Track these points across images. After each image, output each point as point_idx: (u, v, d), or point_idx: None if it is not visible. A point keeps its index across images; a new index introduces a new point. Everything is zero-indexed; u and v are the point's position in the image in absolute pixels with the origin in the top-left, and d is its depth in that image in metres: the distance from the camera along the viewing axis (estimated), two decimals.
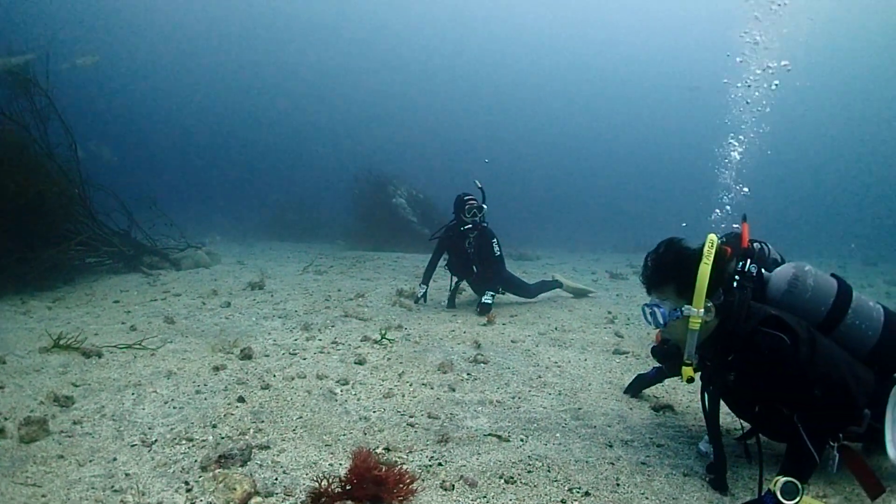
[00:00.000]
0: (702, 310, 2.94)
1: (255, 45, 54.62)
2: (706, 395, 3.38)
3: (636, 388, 4.71)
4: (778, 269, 3.53)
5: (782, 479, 2.62)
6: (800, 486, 2.60)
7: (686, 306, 2.98)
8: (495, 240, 7.97)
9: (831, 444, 3.03)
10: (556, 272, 11.33)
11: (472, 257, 7.92)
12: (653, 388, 4.83)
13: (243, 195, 34.80)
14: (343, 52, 57.38)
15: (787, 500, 2.58)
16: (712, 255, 2.92)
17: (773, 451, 3.52)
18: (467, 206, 7.86)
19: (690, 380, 3.16)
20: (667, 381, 4.95)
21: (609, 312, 7.96)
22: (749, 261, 3.52)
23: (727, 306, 3.07)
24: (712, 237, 2.99)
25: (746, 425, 3.42)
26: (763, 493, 2.75)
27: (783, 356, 2.91)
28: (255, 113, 59.76)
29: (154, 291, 8.03)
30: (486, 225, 7.97)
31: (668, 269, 3.09)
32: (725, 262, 3.10)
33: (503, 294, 8.22)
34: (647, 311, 3.17)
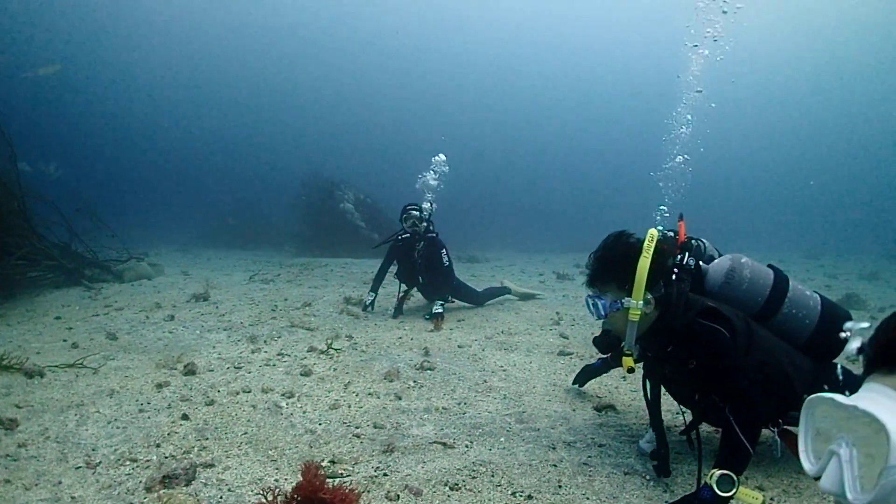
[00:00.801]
0: (641, 302, 3.02)
1: (199, 51, 53.55)
2: (648, 385, 3.51)
3: (583, 379, 4.80)
4: (715, 261, 3.63)
5: (718, 472, 2.69)
6: (735, 479, 2.67)
7: (626, 298, 3.07)
8: (444, 250, 8.00)
9: (772, 429, 3.16)
10: (504, 276, 11.46)
11: (419, 267, 7.95)
12: (596, 387, 4.96)
13: (188, 203, 34.16)
14: (287, 57, 56.71)
15: (723, 492, 2.65)
16: (651, 249, 3.02)
17: (714, 446, 3.65)
18: (405, 216, 7.91)
19: (631, 370, 3.25)
20: (609, 382, 5.10)
21: (557, 313, 8.08)
22: (687, 254, 3.60)
23: (666, 298, 3.15)
24: (653, 232, 3.09)
25: (689, 416, 3.54)
26: (700, 487, 2.82)
27: (720, 347, 3.02)
28: (201, 120, 58.73)
29: (96, 306, 7.85)
30: (434, 235, 8.01)
31: (610, 263, 3.17)
32: (666, 256, 3.19)
33: (453, 302, 8.28)
34: (590, 302, 3.25)
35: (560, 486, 3.25)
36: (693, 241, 3.92)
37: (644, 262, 3.00)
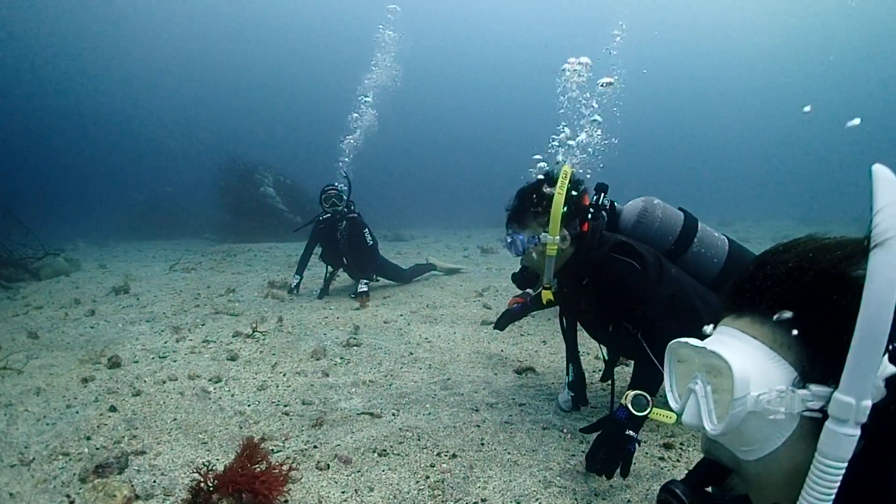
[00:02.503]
0: (557, 237, 3.15)
1: (105, 35, 50.88)
2: (565, 321, 3.72)
3: (504, 323, 4.78)
4: (630, 202, 3.76)
5: (632, 393, 2.82)
6: (649, 399, 2.82)
7: (543, 234, 3.19)
8: (367, 229, 8.06)
9: None
10: (430, 252, 11.62)
11: (342, 248, 8.01)
12: (517, 352, 5.20)
13: (101, 196, 32.86)
14: (191, 42, 54.82)
15: (638, 412, 2.79)
16: (565, 186, 3.14)
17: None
18: (324, 196, 7.94)
19: (550, 302, 3.44)
20: (529, 347, 5.35)
21: (479, 286, 8.30)
22: (602, 195, 3.70)
23: (581, 235, 3.30)
24: (567, 168, 3.20)
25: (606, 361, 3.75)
26: (616, 408, 2.95)
27: (632, 279, 3.18)
28: (110, 110, 56.36)
29: (15, 306, 7.61)
30: (356, 215, 8.06)
31: (528, 200, 3.29)
32: (580, 194, 3.32)
33: (377, 281, 8.37)
34: (508, 239, 3.36)
35: (483, 444, 3.45)
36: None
37: (559, 198, 3.11)
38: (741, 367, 0.97)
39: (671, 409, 1.29)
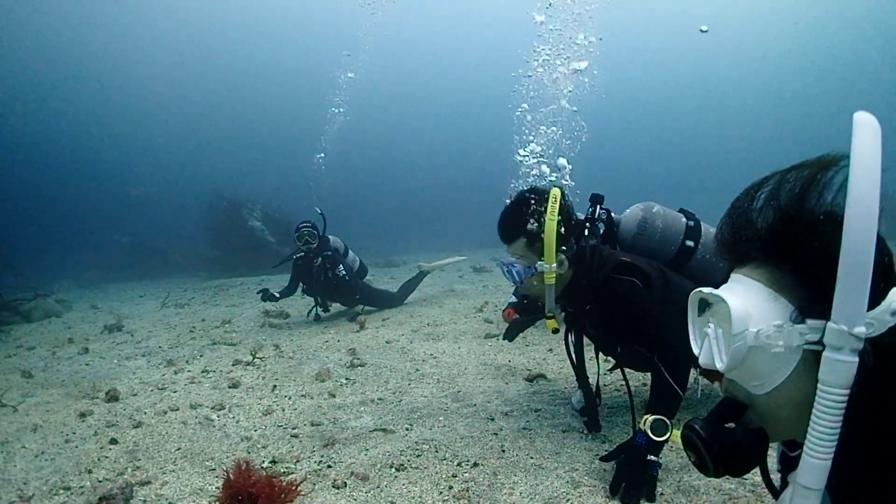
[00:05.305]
0: (554, 265, 2.99)
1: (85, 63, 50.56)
2: (571, 340, 3.53)
3: (513, 333, 4.54)
4: (628, 211, 3.60)
5: (651, 418, 2.73)
6: (668, 423, 2.73)
7: (539, 262, 3.03)
8: (341, 266, 7.83)
9: (696, 369, 3.25)
10: (420, 261, 11.50)
11: (316, 285, 7.85)
12: (525, 361, 5.08)
13: (87, 239, 32.48)
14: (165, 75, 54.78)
15: (658, 437, 2.70)
16: (556, 211, 2.97)
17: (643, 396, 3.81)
18: (297, 233, 7.76)
19: (556, 331, 3.27)
20: (536, 355, 5.25)
21: (478, 303, 8.20)
22: (598, 207, 3.53)
23: (580, 255, 3.15)
24: (556, 191, 3.03)
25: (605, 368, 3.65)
26: (635, 434, 2.86)
27: (638, 299, 3.04)
28: (88, 151, 56.04)
29: (7, 348, 7.45)
30: (330, 253, 7.85)
31: (517, 224, 3.14)
32: (572, 214, 3.20)
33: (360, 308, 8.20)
34: (505, 269, 3.20)
35: (503, 451, 3.33)
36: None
37: (551, 225, 2.95)
38: (738, 305, 1.07)
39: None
